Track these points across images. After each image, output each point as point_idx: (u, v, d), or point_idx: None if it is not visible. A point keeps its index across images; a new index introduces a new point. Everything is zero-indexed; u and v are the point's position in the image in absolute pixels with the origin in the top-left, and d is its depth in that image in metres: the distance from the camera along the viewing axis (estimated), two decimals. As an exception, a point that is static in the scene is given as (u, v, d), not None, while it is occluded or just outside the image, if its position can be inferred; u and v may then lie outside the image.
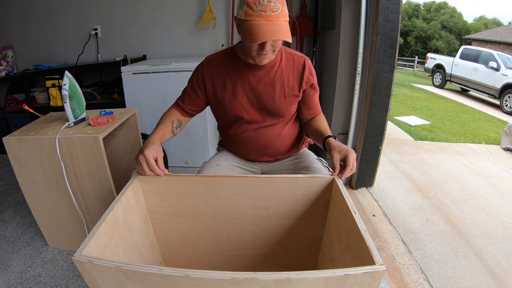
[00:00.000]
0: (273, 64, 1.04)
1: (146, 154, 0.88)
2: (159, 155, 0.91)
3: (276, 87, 1.05)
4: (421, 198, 2.15)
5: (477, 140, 3.96)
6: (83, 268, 0.60)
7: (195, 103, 1.13)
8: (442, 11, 24.20)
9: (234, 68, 1.05)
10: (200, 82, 1.09)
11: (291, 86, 1.06)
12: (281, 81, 1.05)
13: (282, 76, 1.05)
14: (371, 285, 0.57)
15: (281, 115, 1.09)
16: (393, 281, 1.39)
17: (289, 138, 1.16)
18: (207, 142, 2.29)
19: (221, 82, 1.07)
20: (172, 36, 2.69)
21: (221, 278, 0.54)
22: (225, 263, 1.08)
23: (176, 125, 1.11)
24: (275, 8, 0.85)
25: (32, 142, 1.25)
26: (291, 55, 1.07)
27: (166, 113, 1.12)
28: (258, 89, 1.05)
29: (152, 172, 0.90)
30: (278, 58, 1.05)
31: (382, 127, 2.01)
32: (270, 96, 1.05)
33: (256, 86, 1.05)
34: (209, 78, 1.08)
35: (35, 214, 1.44)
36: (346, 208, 0.78)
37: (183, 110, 1.14)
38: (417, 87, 9.00)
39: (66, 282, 1.33)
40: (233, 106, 1.07)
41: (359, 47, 1.90)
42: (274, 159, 1.19)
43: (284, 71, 1.06)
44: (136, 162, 0.91)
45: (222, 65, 1.07)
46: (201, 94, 1.11)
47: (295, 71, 1.06)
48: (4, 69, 2.58)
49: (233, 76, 1.06)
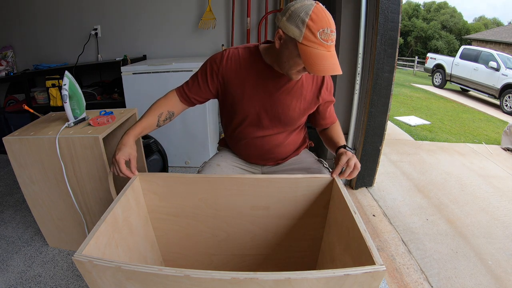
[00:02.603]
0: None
1: (117, 159, 0.92)
2: (132, 157, 0.95)
3: (294, 98, 1.03)
4: (421, 198, 2.15)
5: (477, 140, 3.96)
6: (83, 268, 0.60)
7: (203, 94, 1.06)
8: (442, 11, 24.21)
9: (256, 70, 1.00)
10: (214, 74, 1.02)
11: (308, 99, 1.05)
12: (299, 93, 1.03)
13: (302, 88, 1.03)
14: (371, 285, 0.57)
15: (293, 124, 1.09)
16: (393, 281, 1.39)
17: (293, 145, 1.16)
18: (207, 142, 2.29)
19: (239, 81, 1.01)
20: (172, 36, 2.69)
21: (221, 278, 0.54)
22: (225, 263, 1.08)
23: (164, 118, 1.05)
24: (334, 38, 0.85)
25: (32, 142, 1.25)
26: None
27: (160, 101, 1.06)
28: (276, 97, 1.02)
29: (123, 175, 0.93)
30: None
31: (382, 127, 2.01)
32: (286, 106, 1.03)
33: (275, 93, 1.02)
34: (226, 73, 1.01)
35: (35, 214, 1.44)
36: (346, 208, 0.78)
37: (186, 98, 1.07)
38: (417, 87, 9.00)
39: (66, 282, 1.33)
40: (245, 107, 1.03)
41: (359, 47, 1.90)
42: (275, 163, 1.19)
43: (305, 84, 1.04)
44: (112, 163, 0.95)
45: (242, 63, 1.01)
46: (212, 86, 1.04)
47: (313, 85, 1.05)
48: (4, 69, 2.58)
49: (252, 78, 1.01)
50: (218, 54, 1.04)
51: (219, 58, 1.02)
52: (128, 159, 0.94)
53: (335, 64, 0.84)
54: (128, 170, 0.93)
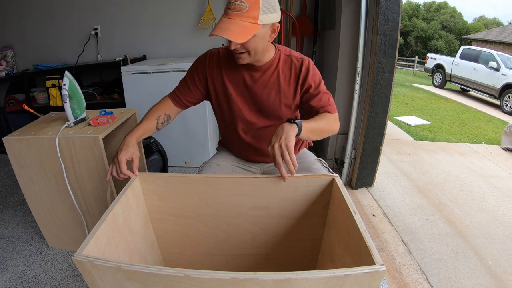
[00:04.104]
0: (269, 65, 1.03)
1: (119, 158, 0.92)
2: (135, 156, 0.96)
3: (272, 89, 1.04)
4: (421, 198, 2.15)
5: (477, 140, 3.96)
6: (83, 268, 0.60)
7: (194, 95, 1.11)
8: (442, 11, 24.20)
9: (233, 67, 1.04)
10: (201, 75, 1.08)
11: (286, 90, 1.05)
12: (277, 84, 1.04)
13: (278, 78, 1.04)
14: (371, 285, 0.57)
15: (279, 117, 1.08)
16: (393, 281, 1.39)
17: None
18: (207, 142, 2.29)
19: (221, 80, 1.06)
20: (172, 36, 2.69)
21: (221, 278, 0.54)
22: (225, 263, 1.08)
23: (162, 120, 1.09)
24: (240, 7, 0.85)
25: (32, 142, 1.25)
26: (289, 57, 1.05)
27: (155, 107, 1.10)
28: (253, 90, 1.05)
29: (124, 175, 0.93)
30: (276, 59, 1.04)
31: (382, 127, 2.01)
32: (265, 97, 1.05)
33: (251, 87, 1.04)
34: (210, 73, 1.07)
35: (35, 214, 1.44)
36: (346, 208, 0.78)
37: (179, 101, 1.11)
38: (417, 87, 9.00)
39: (66, 282, 1.33)
40: (230, 105, 1.07)
41: (359, 47, 1.90)
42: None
43: (281, 74, 1.04)
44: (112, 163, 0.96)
45: (222, 62, 1.06)
46: (201, 86, 1.09)
47: (292, 74, 1.04)
48: (4, 69, 2.58)
49: (231, 75, 1.05)
50: (202, 55, 1.10)
51: (203, 59, 1.08)
52: (131, 159, 0.95)
53: (226, 28, 0.86)
54: (128, 171, 0.94)
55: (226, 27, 0.86)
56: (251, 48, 0.93)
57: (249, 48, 0.93)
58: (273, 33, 0.95)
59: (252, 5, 0.86)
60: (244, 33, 0.87)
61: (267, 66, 1.03)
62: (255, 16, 0.87)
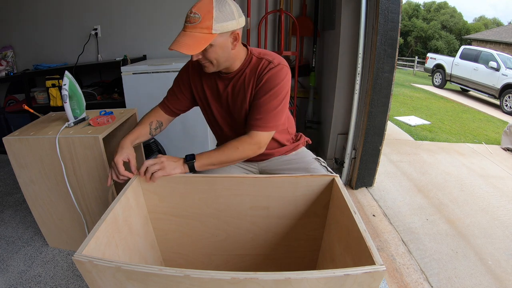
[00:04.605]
0: (237, 71, 1.01)
1: (116, 161, 0.95)
2: (131, 156, 0.98)
3: (239, 94, 1.02)
4: (421, 198, 2.15)
5: (477, 140, 3.96)
6: (83, 268, 0.60)
7: (182, 102, 1.14)
8: (442, 11, 24.20)
9: (210, 74, 1.05)
10: (186, 83, 1.11)
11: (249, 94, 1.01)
12: (244, 88, 1.01)
13: (244, 83, 1.01)
14: (371, 285, 0.57)
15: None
16: (393, 281, 1.39)
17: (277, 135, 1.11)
18: (207, 142, 2.29)
19: (200, 86, 1.09)
20: (172, 36, 2.64)
21: (221, 278, 0.54)
22: (225, 263, 1.08)
23: (155, 126, 1.13)
24: (194, 19, 0.87)
25: (32, 142, 1.25)
26: (260, 59, 1.00)
27: (147, 114, 1.14)
28: (224, 96, 1.05)
29: (124, 177, 0.95)
30: (246, 64, 1.01)
31: (382, 127, 2.01)
32: (233, 103, 1.05)
33: (222, 93, 1.05)
34: (192, 81, 1.09)
35: (35, 214, 1.44)
36: (346, 208, 0.78)
37: (169, 110, 1.14)
38: (417, 87, 9.00)
39: (66, 282, 1.33)
40: (208, 112, 1.11)
41: (359, 47, 1.90)
42: (270, 156, 1.17)
43: (247, 78, 1.00)
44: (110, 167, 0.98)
45: (202, 70, 1.03)
46: (187, 94, 1.12)
47: (255, 76, 0.99)
48: (4, 69, 2.58)
49: (208, 82, 1.07)
50: (185, 65, 1.13)
51: (186, 68, 1.11)
52: (127, 160, 0.97)
53: (179, 42, 0.88)
54: (127, 172, 0.95)
55: (180, 40, 0.88)
56: (212, 58, 0.93)
57: (210, 58, 0.93)
58: (235, 40, 0.93)
59: (205, 15, 0.86)
60: (197, 44, 0.87)
61: (236, 71, 1.02)
62: (209, 26, 0.87)
